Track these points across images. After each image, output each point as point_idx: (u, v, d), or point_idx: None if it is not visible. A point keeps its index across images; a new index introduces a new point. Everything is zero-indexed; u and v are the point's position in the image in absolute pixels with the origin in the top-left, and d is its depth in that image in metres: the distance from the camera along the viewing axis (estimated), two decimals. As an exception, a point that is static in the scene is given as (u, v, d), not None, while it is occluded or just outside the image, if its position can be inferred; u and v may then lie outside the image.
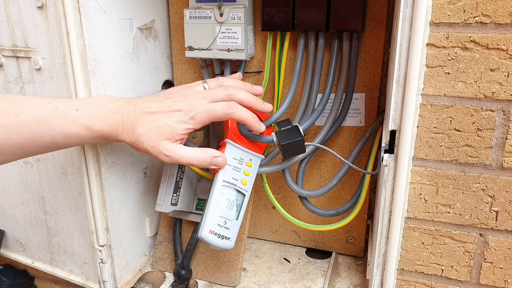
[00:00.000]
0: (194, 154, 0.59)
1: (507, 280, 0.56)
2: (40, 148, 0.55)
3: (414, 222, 0.58)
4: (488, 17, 0.48)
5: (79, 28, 0.65)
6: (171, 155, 0.58)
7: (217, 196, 0.59)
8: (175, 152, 0.58)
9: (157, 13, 0.82)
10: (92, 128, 0.56)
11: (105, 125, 0.57)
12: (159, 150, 0.58)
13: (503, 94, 0.50)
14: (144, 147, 0.58)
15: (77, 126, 0.55)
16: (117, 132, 0.58)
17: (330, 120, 0.74)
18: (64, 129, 0.54)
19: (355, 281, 0.82)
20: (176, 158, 0.58)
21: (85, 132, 0.56)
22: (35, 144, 0.54)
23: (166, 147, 0.58)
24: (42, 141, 0.54)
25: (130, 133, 0.58)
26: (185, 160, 0.59)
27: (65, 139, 0.55)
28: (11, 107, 0.52)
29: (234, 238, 0.60)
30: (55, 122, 0.54)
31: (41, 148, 0.55)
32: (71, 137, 0.55)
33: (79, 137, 0.56)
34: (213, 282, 0.82)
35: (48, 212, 0.81)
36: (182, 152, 0.59)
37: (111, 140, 0.59)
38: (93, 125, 0.56)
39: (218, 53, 0.77)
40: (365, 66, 0.74)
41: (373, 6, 0.70)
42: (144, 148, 0.58)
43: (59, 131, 0.54)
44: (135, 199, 0.82)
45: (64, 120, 0.54)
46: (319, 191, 0.75)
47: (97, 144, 0.71)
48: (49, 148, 0.56)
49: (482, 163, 0.53)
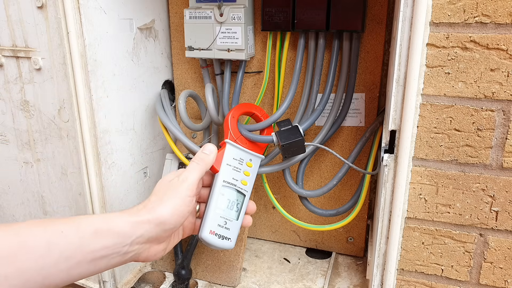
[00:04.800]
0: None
1: (507, 280, 0.56)
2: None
3: (414, 222, 0.58)
4: (488, 17, 0.48)
5: (79, 28, 0.65)
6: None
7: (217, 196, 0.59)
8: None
9: (157, 13, 0.82)
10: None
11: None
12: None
13: (503, 94, 0.50)
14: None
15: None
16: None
17: (330, 120, 0.74)
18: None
19: (355, 281, 0.82)
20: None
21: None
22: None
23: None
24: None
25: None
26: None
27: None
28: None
29: (234, 238, 0.59)
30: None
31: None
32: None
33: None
34: (213, 282, 0.82)
35: (48, 212, 0.81)
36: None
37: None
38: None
39: (218, 53, 0.77)
40: (365, 66, 0.74)
41: (373, 6, 0.70)
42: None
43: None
44: (135, 199, 0.82)
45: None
46: (319, 191, 0.75)
47: (97, 144, 0.71)
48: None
49: (482, 163, 0.53)
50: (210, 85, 0.80)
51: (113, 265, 0.47)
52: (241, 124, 0.71)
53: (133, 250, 0.47)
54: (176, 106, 0.84)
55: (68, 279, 0.44)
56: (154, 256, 0.51)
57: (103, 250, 0.45)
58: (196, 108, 0.88)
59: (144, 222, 0.48)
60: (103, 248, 0.45)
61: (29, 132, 0.77)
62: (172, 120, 0.79)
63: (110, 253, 0.45)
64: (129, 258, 0.48)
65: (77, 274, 0.44)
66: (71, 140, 0.72)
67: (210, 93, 0.78)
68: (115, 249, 0.46)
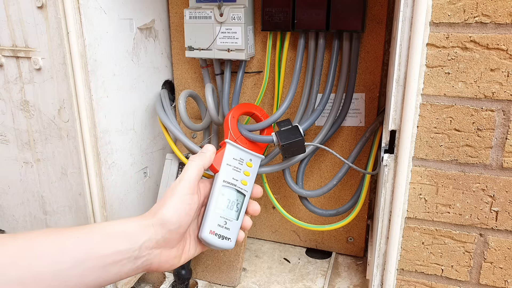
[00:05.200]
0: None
1: (507, 280, 0.56)
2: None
3: (414, 222, 0.58)
4: (488, 17, 0.48)
5: (79, 28, 0.65)
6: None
7: (217, 196, 0.59)
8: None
9: (157, 13, 0.82)
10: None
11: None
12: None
13: (503, 94, 0.50)
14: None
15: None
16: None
17: (330, 120, 0.74)
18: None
19: (355, 281, 0.82)
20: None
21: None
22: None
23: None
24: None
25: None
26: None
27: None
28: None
29: (234, 238, 0.60)
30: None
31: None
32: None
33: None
34: (213, 282, 0.82)
35: (48, 212, 0.81)
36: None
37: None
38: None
39: (218, 53, 0.77)
40: (365, 66, 0.74)
41: (373, 6, 0.70)
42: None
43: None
44: (135, 199, 0.82)
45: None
46: (319, 191, 0.75)
47: (97, 144, 0.71)
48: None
49: (482, 163, 0.53)
50: (210, 85, 0.80)
51: (125, 273, 0.47)
52: (241, 124, 0.71)
53: (144, 256, 0.48)
54: (176, 106, 0.84)
55: (82, 286, 0.44)
56: (166, 263, 0.52)
57: (114, 255, 0.45)
58: (196, 108, 0.88)
59: (150, 225, 0.49)
60: (114, 253, 0.45)
61: (29, 132, 0.77)
62: (172, 120, 0.79)
63: (121, 258, 0.46)
64: (140, 265, 0.48)
65: (90, 281, 0.44)
66: (71, 140, 0.72)
67: (210, 93, 0.78)
68: (126, 253, 0.46)
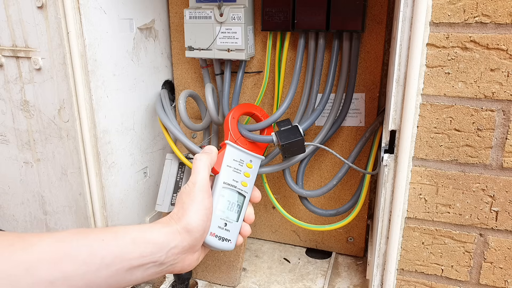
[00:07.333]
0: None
1: (507, 280, 0.56)
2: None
3: (414, 222, 0.58)
4: (488, 17, 0.48)
5: (79, 28, 0.65)
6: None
7: (218, 198, 0.59)
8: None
9: (157, 13, 0.82)
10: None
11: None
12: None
13: (503, 94, 0.50)
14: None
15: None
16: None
17: (330, 120, 0.74)
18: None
19: (355, 281, 0.82)
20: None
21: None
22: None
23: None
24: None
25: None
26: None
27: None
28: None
29: (234, 239, 0.59)
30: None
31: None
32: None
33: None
34: (213, 282, 0.82)
35: (48, 212, 0.81)
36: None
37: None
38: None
39: (218, 53, 0.77)
40: (365, 66, 0.74)
41: (373, 6, 0.70)
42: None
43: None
44: (135, 199, 0.82)
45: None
46: (319, 191, 0.75)
47: (97, 144, 0.71)
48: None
49: (482, 163, 0.53)
50: (210, 85, 0.80)
51: (148, 276, 0.47)
52: (241, 124, 0.71)
53: (169, 261, 0.48)
54: (176, 106, 0.84)
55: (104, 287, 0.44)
56: (188, 266, 0.52)
57: (140, 258, 0.45)
58: (196, 108, 0.88)
59: (176, 232, 0.49)
60: (140, 256, 0.45)
61: (29, 132, 0.77)
62: (172, 120, 0.79)
63: (147, 262, 0.46)
64: (165, 269, 0.48)
65: (115, 283, 0.44)
66: (71, 140, 0.72)
67: (210, 93, 0.78)
68: (152, 258, 0.46)
